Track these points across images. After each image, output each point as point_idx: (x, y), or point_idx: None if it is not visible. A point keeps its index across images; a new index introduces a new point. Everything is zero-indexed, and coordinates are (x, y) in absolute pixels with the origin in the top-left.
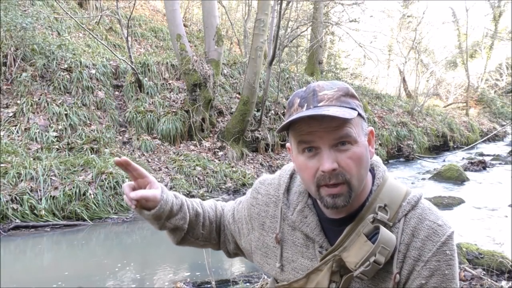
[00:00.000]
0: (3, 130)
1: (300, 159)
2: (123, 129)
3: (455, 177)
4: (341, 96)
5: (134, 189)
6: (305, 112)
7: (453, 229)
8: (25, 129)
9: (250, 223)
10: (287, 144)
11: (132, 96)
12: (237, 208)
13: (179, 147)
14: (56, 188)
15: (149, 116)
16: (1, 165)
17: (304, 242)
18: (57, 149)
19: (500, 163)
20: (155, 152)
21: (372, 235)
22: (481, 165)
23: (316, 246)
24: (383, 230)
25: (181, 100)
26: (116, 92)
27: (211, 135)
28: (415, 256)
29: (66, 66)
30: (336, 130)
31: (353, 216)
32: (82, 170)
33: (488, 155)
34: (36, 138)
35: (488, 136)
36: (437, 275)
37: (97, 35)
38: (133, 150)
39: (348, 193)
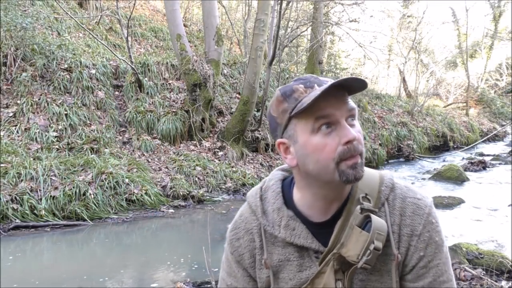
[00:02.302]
0: (3, 130)
1: (316, 139)
2: (123, 129)
3: (455, 177)
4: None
5: None
6: (339, 80)
7: (430, 198)
8: (25, 129)
9: (248, 276)
10: (279, 140)
11: (132, 96)
12: (230, 282)
13: (179, 147)
14: (56, 188)
15: (149, 116)
16: (1, 165)
17: (298, 254)
18: (57, 149)
19: (500, 163)
20: (155, 152)
21: (364, 225)
22: (481, 165)
23: (311, 253)
24: (374, 217)
25: (181, 100)
26: (116, 92)
27: (211, 135)
28: (408, 233)
29: (66, 66)
30: (348, 103)
31: (338, 215)
32: (82, 170)
33: (488, 155)
34: (36, 138)
35: (488, 136)
36: (430, 244)
37: (97, 35)
38: (133, 150)
39: (362, 164)
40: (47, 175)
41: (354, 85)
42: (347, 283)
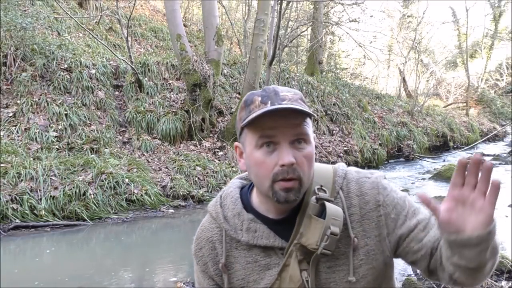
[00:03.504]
0: (3, 130)
1: (257, 155)
2: (123, 129)
3: None
4: (298, 99)
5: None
6: (276, 106)
7: (379, 172)
8: (25, 129)
9: (214, 285)
10: (236, 143)
11: (132, 96)
12: None
13: (179, 147)
14: (56, 188)
15: (149, 116)
16: (1, 165)
17: (264, 254)
18: (57, 149)
19: (500, 163)
20: (155, 152)
21: (320, 214)
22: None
23: (277, 251)
24: (328, 204)
25: (181, 100)
26: (116, 92)
27: (211, 135)
28: (373, 207)
29: (66, 66)
30: (297, 127)
31: (297, 209)
32: (82, 170)
33: (488, 155)
34: (36, 138)
35: (488, 136)
36: (396, 203)
37: (97, 35)
38: (133, 150)
39: (299, 189)
40: (47, 175)
41: (306, 111)
42: (312, 272)
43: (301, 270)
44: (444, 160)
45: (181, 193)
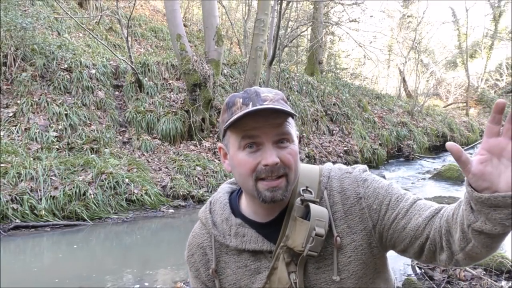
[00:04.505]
0: (3, 130)
1: (240, 155)
2: (123, 129)
3: (455, 177)
4: (280, 99)
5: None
6: (257, 107)
7: (362, 166)
8: (25, 129)
9: None
10: (220, 144)
11: (132, 96)
12: None
13: (179, 147)
14: (56, 188)
15: (149, 116)
16: (1, 165)
17: (254, 258)
18: (57, 149)
19: None
20: (155, 152)
21: (306, 215)
22: None
23: (266, 255)
24: (312, 205)
25: (181, 100)
26: (116, 92)
27: (211, 135)
28: (354, 201)
29: (66, 66)
30: (279, 127)
31: (284, 212)
32: (82, 170)
33: None
34: (36, 138)
35: None
36: (378, 193)
37: (97, 35)
38: (133, 150)
39: (286, 187)
40: (47, 175)
41: (287, 111)
42: (300, 274)
43: (289, 273)
44: (444, 160)
45: (181, 193)
